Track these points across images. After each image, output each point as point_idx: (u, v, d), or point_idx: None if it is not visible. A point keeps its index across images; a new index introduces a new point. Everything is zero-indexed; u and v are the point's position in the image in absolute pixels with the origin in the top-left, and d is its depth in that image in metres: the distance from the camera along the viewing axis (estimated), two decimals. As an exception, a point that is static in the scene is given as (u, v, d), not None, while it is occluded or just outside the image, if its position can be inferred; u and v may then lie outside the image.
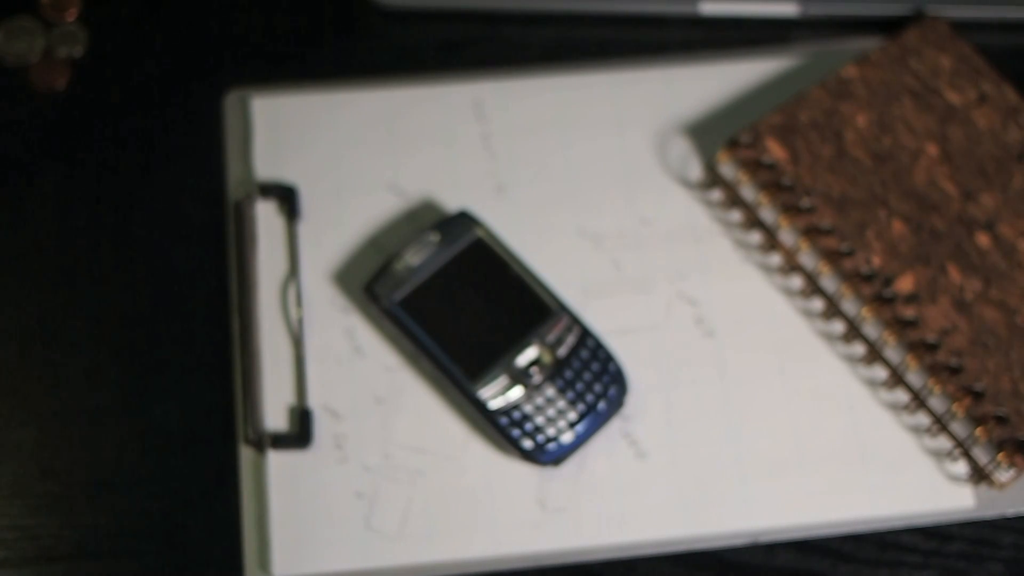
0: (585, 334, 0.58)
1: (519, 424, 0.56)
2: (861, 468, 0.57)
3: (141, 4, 0.68)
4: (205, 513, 0.57)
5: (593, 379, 0.57)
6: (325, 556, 0.56)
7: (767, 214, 0.61)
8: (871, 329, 0.58)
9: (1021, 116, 0.62)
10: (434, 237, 0.59)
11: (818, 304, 0.60)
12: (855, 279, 0.58)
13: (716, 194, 0.62)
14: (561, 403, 0.56)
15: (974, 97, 0.63)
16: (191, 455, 0.58)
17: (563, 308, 0.58)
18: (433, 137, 0.64)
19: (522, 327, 0.58)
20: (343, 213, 0.62)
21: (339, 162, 0.63)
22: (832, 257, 0.59)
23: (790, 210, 0.60)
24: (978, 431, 0.56)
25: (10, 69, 0.66)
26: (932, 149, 0.61)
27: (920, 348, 0.57)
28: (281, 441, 0.57)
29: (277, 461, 0.57)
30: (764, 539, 0.56)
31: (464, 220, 0.60)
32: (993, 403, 0.56)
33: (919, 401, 0.57)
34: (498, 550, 0.56)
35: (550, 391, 0.57)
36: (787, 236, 0.60)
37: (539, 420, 0.56)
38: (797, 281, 0.61)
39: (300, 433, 0.57)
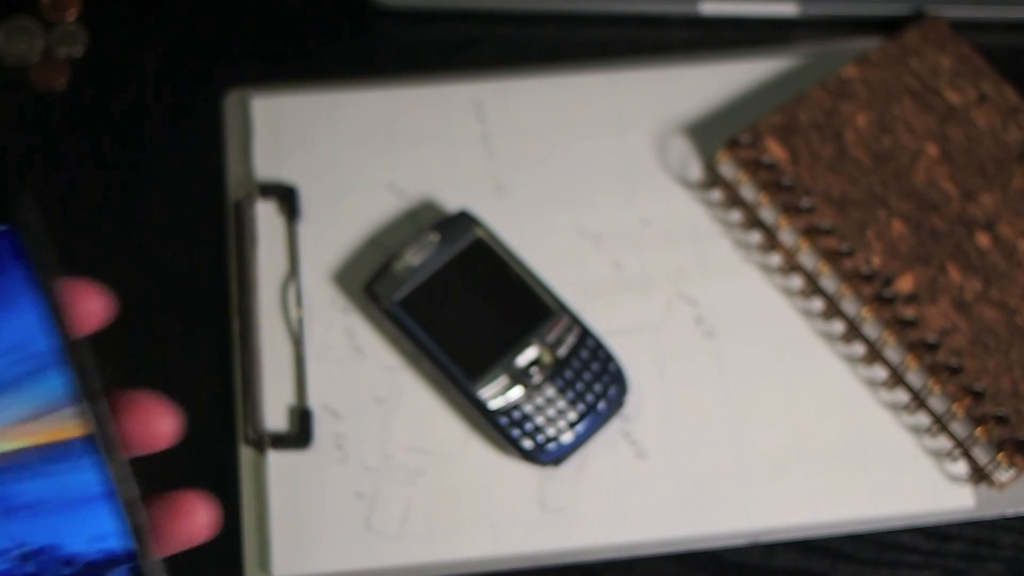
0: (585, 334, 0.58)
1: (519, 424, 0.56)
2: (861, 468, 0.57)
3: (141, 4, 0.68)
4: (205, 513, 0.57)
5: (593, 379, 0.57)
6: (325, 556, 0.56)
7: (767, 214, 0.61)
8: (871, 329, 0.58)
9: (1021, 116, 0.62)
10: (434, 237, 0.59)
11: (818, 304, 0.60)
12: (855, 279, 0.58)
13: (716, 194, 0.62)
14: (561, 403, 0.56)
15: (974, 97, 0.63)
16: (191, 455, 0.58)
17: (563, 308, 0.58)
18: (433, 137, 0.64)
19: (522, 327, 0.58)
20: (343, 213, 0.62)
21: (339, 162, 0.63)
22: (832, 257, 0.59)
23: (790, 210, 0.60)
24: (978, 431, 0.56)
25: (10, 69, 0.66)
26: (932, 149, 0.61)
27: (920, 348, 0.57)
28: (281, 441, 0.57)
29: (277, 461, 0.57)
30: (764, 539, 0.56)
31: (464, 220, 0.60)
32: (993, 403, 0.56)
33: (919, 401, 0.57)
34: (498, 550, 0.56)
35: (550, 391, 0.57)
36: (787, 236, 0.60)
37: (539, 420, 0.56)
38: (797, 281, 0.61)
39: (300, 433, 0.57)
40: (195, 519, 0.34)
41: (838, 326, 0.60)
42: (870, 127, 0.62)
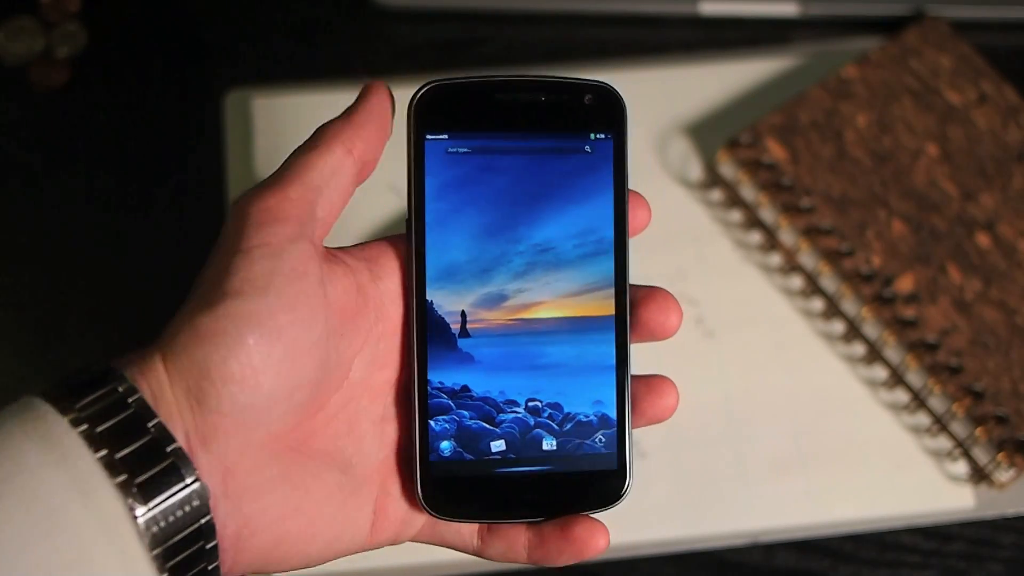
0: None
1: (520, 424, 0.56)
2: (861, 468, 0.57)
3: (141, 4, 0.68)
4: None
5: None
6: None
7: (767, 214, 0.61)
8: (871, 329, 0.58)
9: (1021, 116, 0.62)
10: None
11: (818, 304, 0.60)
12: (855, 279, 0.58)
13: (716, 194, 0.62)
14: (562, 403, 0.57)
15: (974, 97, 0.63)
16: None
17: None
18: (433, 137, 0.64)
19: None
20: (343, 213, 0.62)
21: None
22: (832, 257, 0.59)
23: (790, 210, 0.60)
24: (978, 431, 0.56)
25: (10, 69, 0.66)
26: (932, 149, 0.61)
27: (920, 348, 0.57)
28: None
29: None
30: (764, 539, 0.56)
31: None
32: (993, 403, 0.56)
33: (919, 401, 0.57)
34: (498, 550, 0.56)
35: (551, 391, 0.57)
36: (787, 236, 0.60)
37: (540, 420, 0.56)
38: (797, 281, 0.61)
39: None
40: (666, 400, 0.38)
41: (838, 326, 0.60)
42: (870, 127, 0.62)
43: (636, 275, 0.62)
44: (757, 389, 0.59)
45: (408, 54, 0.67)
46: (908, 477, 0.57)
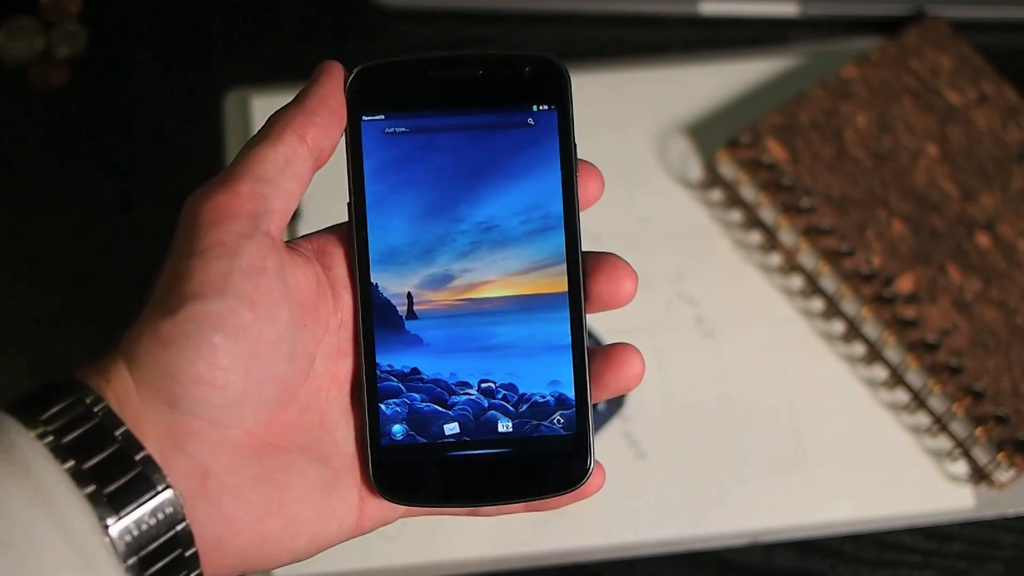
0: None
1: (519, 424, 0.56)
2: (861, 468, 0.57)
3: (141, 4, 0.68)
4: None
5: (593, 379, 0.57)
6: (324, 555, 0.55)
7: (767, 214, 0.61)
8: (871, 329, 0.58)
9: (1021, 116, 0.62)
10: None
11: (818, 304, 0.60)
12: (855, 279, 0.58)
13: (716, 194, 0.62)
14: (561, 403, 0.57)
15: (974, 97, 0.63)
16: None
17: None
18: (433, 137, 0.64)
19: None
20: (344, 213, 0.62)
21: (339, 161, 0.63)
22: (832, 257, 0.59)
23: (790, 210, 0.60)
24: (978, 431, 0.56)
25: (10, 69, 0.66)
26: (932, 149, 0.61)
27: (920, 348, 0.57)
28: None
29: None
30: (764, 539, 0.56)
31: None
32: (993, 403, 0.56)
33: (919, 401, 0.57)
34: (498, 550, 0.56)
35: (550, 391, 0.57)
36: (787, 236, 0.60)
37: (539, 420, 0.56)
38: (797, 281, 0.61)
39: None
40: (629, 370, 0.37)
41: (838, 326, 0.60)
42: (870, 127, 0.62)
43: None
44: (757, 389, 0.59)
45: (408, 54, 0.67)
46: (908, 477, 0.57)
